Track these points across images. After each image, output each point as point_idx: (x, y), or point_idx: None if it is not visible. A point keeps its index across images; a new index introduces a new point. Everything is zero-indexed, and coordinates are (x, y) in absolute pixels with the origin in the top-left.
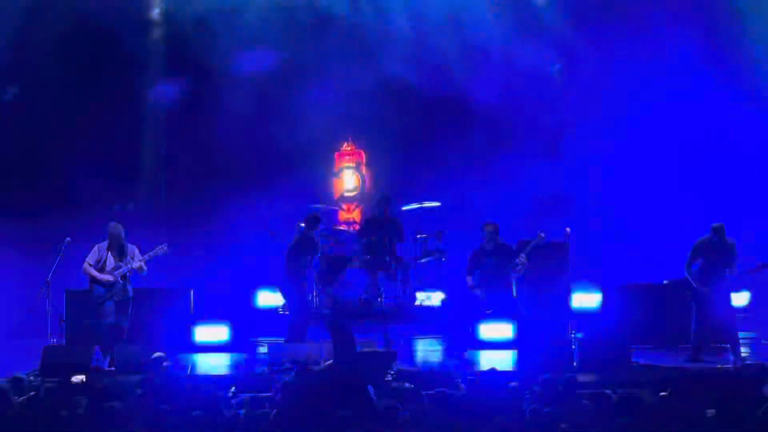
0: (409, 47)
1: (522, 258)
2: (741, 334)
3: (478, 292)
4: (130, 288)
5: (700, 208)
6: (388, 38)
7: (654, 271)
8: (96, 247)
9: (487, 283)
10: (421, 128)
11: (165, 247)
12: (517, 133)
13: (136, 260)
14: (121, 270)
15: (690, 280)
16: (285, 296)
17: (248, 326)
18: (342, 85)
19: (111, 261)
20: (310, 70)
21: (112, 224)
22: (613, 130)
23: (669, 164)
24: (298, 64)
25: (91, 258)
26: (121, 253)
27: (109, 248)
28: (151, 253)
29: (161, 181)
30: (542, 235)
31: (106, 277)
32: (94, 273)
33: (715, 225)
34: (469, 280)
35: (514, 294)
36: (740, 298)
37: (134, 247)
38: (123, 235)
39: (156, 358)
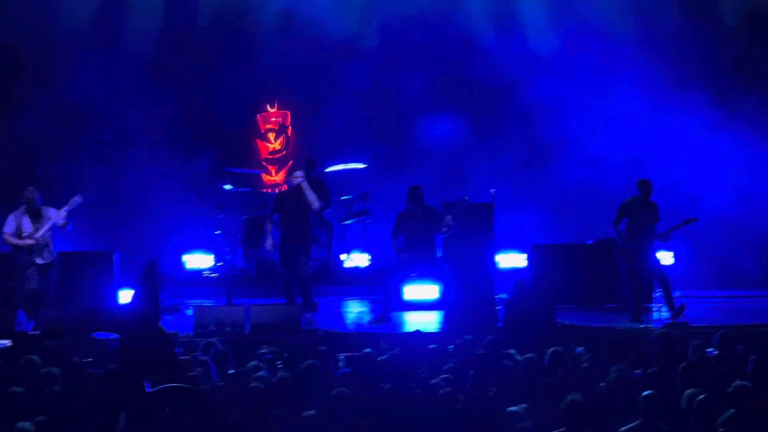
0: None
1: (448, 219)
2: None
3: (403, 255)
4: (53, 251)
5: (627, 169)
6: None
7: (578, 231)
8: (11, 216)
9: (412, 245)
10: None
11: (78, 198)
12: (442, 92)
13: (58, 217)
14: (41, 231)
15: (617, 238)
16: None
17: (174, 290)
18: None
19: (28, 226)
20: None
21: (28, 189)
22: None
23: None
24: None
25: (8, 227)
26: (36, 216)
27: (25, 213)
28: (66, 207)
29: (83, 144)
30: (466, 198)
31: (28, 242)
32: (15, 241)
33: (640, 180)
34: (395, 243)
35: (440, 256)
36: (665, 257)
37: (49, 208)
38: (37, 199)
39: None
